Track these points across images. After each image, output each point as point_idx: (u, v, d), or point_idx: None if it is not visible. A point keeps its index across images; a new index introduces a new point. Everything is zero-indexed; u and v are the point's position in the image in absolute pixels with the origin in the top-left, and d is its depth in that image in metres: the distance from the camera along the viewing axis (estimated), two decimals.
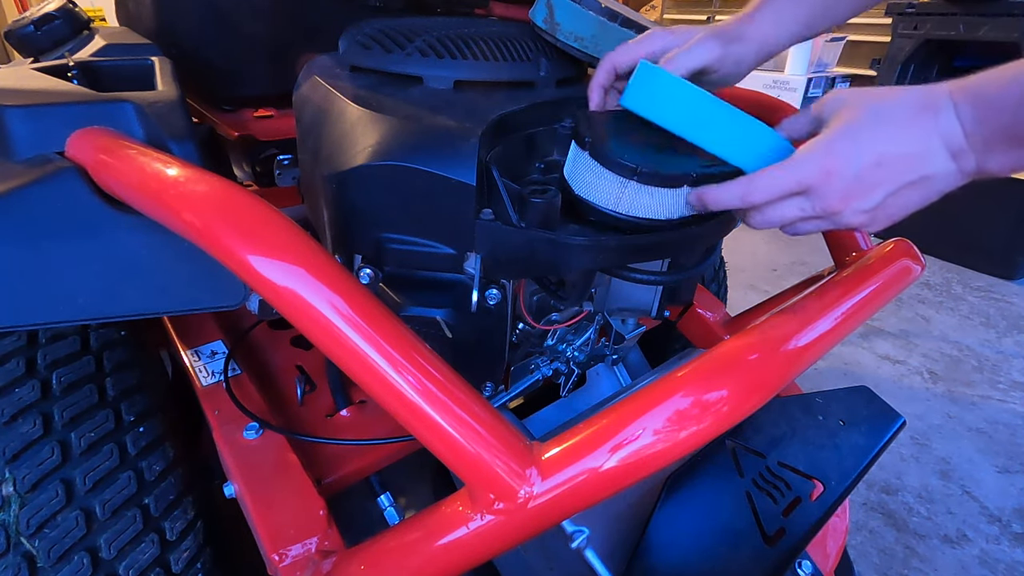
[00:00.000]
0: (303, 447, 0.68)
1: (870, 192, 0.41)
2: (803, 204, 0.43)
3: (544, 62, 0.64)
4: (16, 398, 0.57)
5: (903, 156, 0.40)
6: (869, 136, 0.40)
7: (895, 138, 0.40)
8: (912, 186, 0.41)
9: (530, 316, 0.68)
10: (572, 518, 0.50)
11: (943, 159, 0.40)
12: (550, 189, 0.50)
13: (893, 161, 0.40)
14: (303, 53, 0.88)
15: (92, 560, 0.52)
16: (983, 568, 1.21)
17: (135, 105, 0.53)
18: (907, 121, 0.40)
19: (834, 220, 0.44)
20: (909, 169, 0.40)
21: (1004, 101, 0.37)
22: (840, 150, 0.41)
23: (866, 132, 0.41)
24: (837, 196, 0.42)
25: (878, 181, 0.41)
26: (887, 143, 0.40)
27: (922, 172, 0.40)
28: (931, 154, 0.40)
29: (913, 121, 0.40)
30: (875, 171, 0.40)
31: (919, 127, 0.40)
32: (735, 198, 0.44)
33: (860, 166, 0.40)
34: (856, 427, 0.66)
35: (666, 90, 0.48)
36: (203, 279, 0.51)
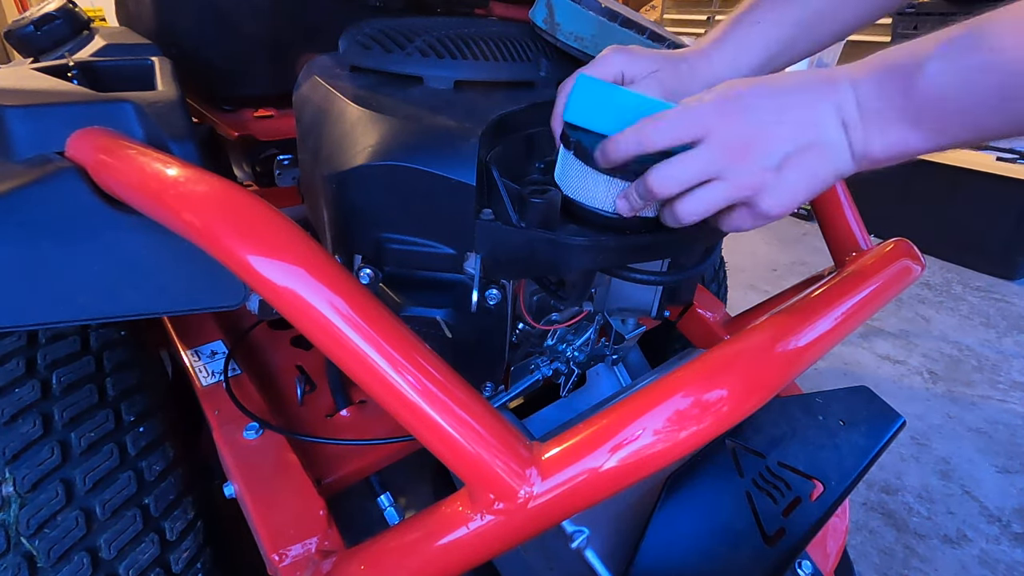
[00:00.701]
0: (303, 447, 0.68)
1: (769, 145, 0.40)
2: (701, 156, 0.41)
3: (544, 62, 0.64)
4: (16, 398, 0.57)
5: (797, 115, 0.40)
6: (764, 93, 0.40)
7: (789, 99, 0.40)
8: (809, 150, 0.40)
9: (530, 316, 0.68)
10: (572, 518, 0.50)
11: (835, 128, 0.40)
12: (550, 189, 0.50)
13: (788, 120, 0.40)
14: (303, 53, 0.89)
15: (92, 560, 0.52)
16: (983, 568, 1.21)
17: (135, 105, 0.53)
18: (801, 88, 0.40)
19: (736, 176, 0.41)
20: (804, 128, 0.40)
21: (898, 73, 0.37)
22: (735, 101, 0.41)
23: (760, 89, 0.41)
24: (736, 145, 0.40)
25: (776, 136, 0.40)
26: (780, 103, 0.40)
27: (817, 135, 0.40)
28: (824, 120, 0.40)
29: (807, 88, 0.40)
30: (772, 127, 0.40)
31: (813, 93, 0.40)
32: (632, 143, 0.42)
33: (756, 114, 0.40)
34: (856, 427, 0.66)
35: (604, 98, 0.47)
36: (203, 279, 0.51)
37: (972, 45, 0.34)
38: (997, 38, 0.34)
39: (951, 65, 0.35)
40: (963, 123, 0.36)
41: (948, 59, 0.35)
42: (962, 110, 0.36)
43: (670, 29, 0.90)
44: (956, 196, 2.50)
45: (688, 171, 0.41)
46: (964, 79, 0.35)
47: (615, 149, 0.43)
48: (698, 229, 0.52)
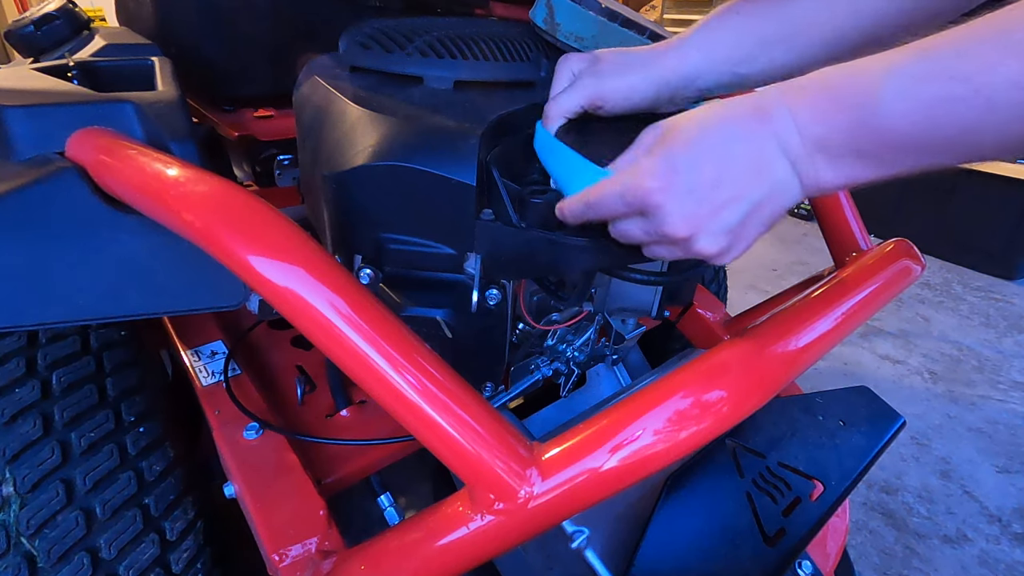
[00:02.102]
0: (303, 447, 0.68)
1: (717, 214, 0.36)
2: (645, 227, 0.39)
3: (544, 62, 0.64)
4: (16, 398, 0.57)
5: (742, 171, 0.36)
6: (698, 150, 0.36)
7: (727, 149, 0.36)
8: (760, 203, 0.37)
9: (530, 316, 0.68)
10: (572, 518, 0.50)
11: (783, 167, 0.36)
12: (550, 189, 0.50)
13: (733, 180, 0.36)
14: (303, 53, 0.88)
15: (92, 560, 0.52)
16: (983, 568, 1.21)
17: (135, 105, 0.53)
18: (736, 127, 0.36)
19: (688, 248, 0.39)
20: (754, 186, 0.36)
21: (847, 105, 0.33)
22: (666, 167, 0.37)
23: (694, 146, 0.36)
24: (679, 221, 0.37)
25: (725, 201, 0.36)
26: (720, 156, 0.36)
27: (766, 186, 0.36)
28: (769, 162, 0.36)
29: (743, 126, 0.36)
30: (716, 191, 0.36)
31: (750, 132, 0.36)
32: (579, 211, 0.43)
33: (693, 183, 0.36)
34: (856, 427, 0.66)
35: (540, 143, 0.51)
36: (203, 279, 0.51)
37: (930, 73, 0.31)
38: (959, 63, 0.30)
39: (908, 97, 0.31)
40: (919, 156, 0.33)
41: (905, 90, 0.31)
42: (920, 145, 0.32)
43: (670, 29, 0.90)
44: (956, 196, 2.50)
45: (632, 232, 0.41)
46: (925, 114, 0.31)
47: (569, 210, 0.44)
48: None
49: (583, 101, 0.50)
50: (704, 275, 1.19)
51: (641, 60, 0.50)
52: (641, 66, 0.49)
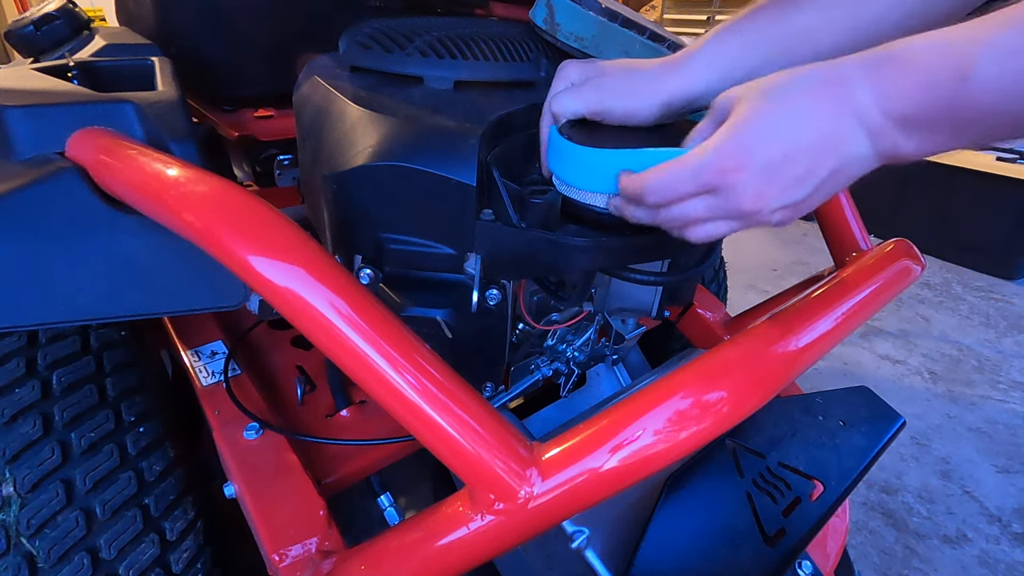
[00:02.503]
0: (303, 447, 0.68)
1: (787, 189, 0.37)
2: (710, 203, 0.39)
3: (544, 62, 0.64)
4: (16, 398, 0.57)
5: (814, 145, 0.36)
6: (770, 126, 0.36)
7: (800, 126, 0.35)
8: (831, 175, 0.37)
9: (530, 316, 0.68)
10: (572, 518, 0.50)
11: (860, 141, 0.35)
12: (550, 190, 0.50)
13: (804, 153, 0.36)
14: (303, 53, 0.88)
15: (92, 560, 0.52)
16: (983, 568, 1.21)
17: (135, 105, 0.53)
18: (810, 103, 0.35)
19: (752, 221, 0.39)
20: (826, 158, 0.36)
21: (925, 70, 0.33)
22: (743, 145, 0.36)
23: (766, 121, 0.36)
24: (750, 196, 0.37)
25: (794, 176, 0.36)
26: (792, 133, 0.35)
27: (839, 159, 0.36)
28: (845, 136, 0.35)
29: (817, 102, 0.35)
30: (786, 165, 0.36)
31: (827, 109, 0.35)
32: (627, 189, 0.42)
33: (766, 160, 0.36)
34: (856, 427, 0.66)
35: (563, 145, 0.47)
36: (203, 279, 0.51)
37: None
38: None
39: (1002, 71, 0.30)
40: (1002, 127, 0.33)
41: (998, 63, 0.31)
42: (1005, 117, 0.32)
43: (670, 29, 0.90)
44: (956, 196, 2.50)
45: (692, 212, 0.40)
46: (1016, 86, 0.30)
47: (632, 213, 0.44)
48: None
49: (585, 111, 0.50)
50: (704, 275, 1.19)
51: (645, 79, 0.49)
52: (645, 87, 0.49)
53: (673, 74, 0.49)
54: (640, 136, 0.49)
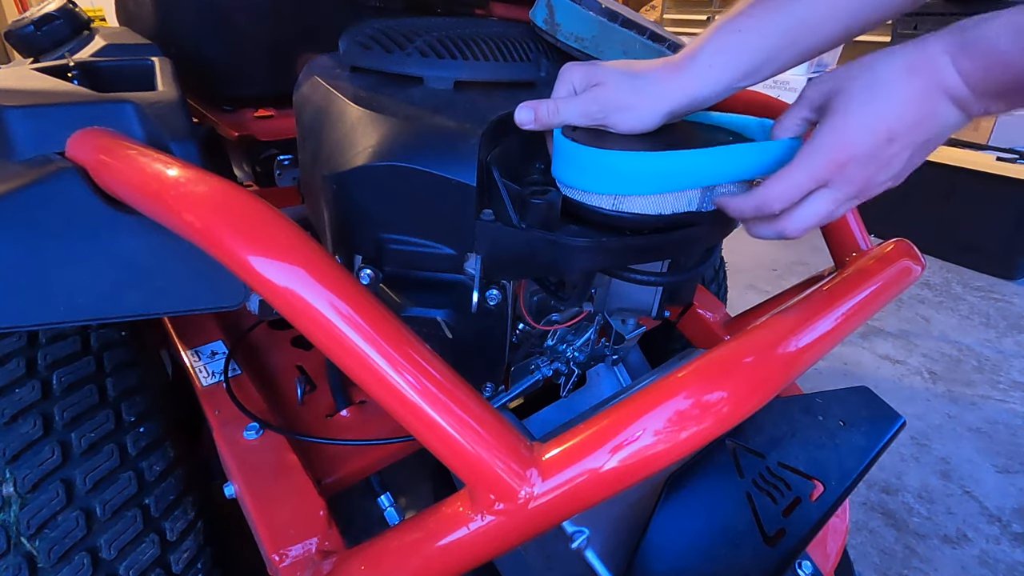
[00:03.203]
0: (303, 447, 0.68)
1: (890, 164, 0.41)
2: (828, 195, 0.43)
3: (544, 62, 0.64)
4: (16, 398, 0.57)
5: (913, 123, 0.39)
6: (872, 113, 0.40)
7: (899, 108, 0.39)
8: (926, 143, 0.41)
9: (530, 316, 0.68)
10: (572, 518, 0.50)
11: (952, 112, 0.39)
12: (550, 190, 0.50)
13: (905, 131, 0.40)
14: (303, 53, 0.89)
15: (92, 560, 0.52)
16: (983, 568, 1.21)
17: (135, 105, 0.53)
18: (905, 87, 0.39)
19: (862, 197, 0.44)
20: (922, 132, 0.40)
21: (1004, 52, 0.36)
22: (847, 138, 0.40)
23: (867, 110, 0.40)
24: (860, 179, 0.41)
25: (895, 152, 0.40)
26: (892, 116, 0.39)
27: (934, 130, 0.40)
28: (939, 112, 0.39)
29: (911, 85, 0.39)
30: (889, 146, 0.40)
31: (920, 89, 0.39)
32: (751, 208, 0.45)
33: (873, 145, 0.40)
34: (856, 427, 0.66)
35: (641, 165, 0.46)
36: (203, 279, 0.51)
37: None
38: None
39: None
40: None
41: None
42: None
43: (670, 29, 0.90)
44: (956, 196, 2.50)
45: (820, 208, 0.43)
46: None
47: (736, 210, 0.46)
48: (701, 228, 0.52)
49: (586, 122, 0.50)
50: (704, 275, 1.19)
51: (650, 83, 0.48)
52: (650, 92, 0.48)
53: (676, 79, 0.48)
54: (644, 136, 0.50)
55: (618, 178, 0.46)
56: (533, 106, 0.51)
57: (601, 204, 0.48)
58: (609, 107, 0.49)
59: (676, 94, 0.48)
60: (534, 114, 0.51)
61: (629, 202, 0.48)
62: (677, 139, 0.51)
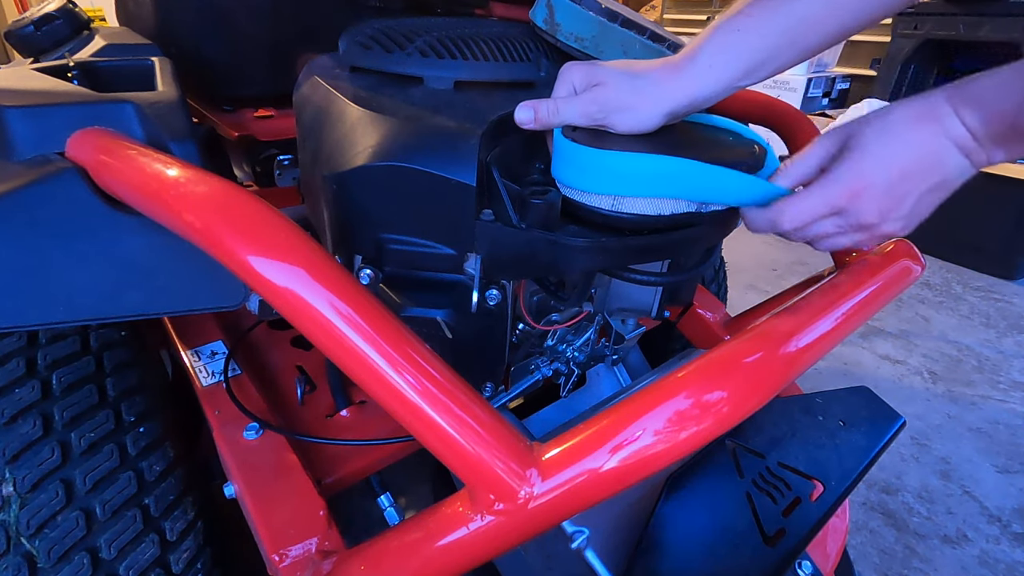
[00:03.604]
0: (303, 447, 0.68)
1: (901, 202, 0.44)
2: (839, 222, 0.46)
3: (544, 62, 0.64)
4: (16, 398, 0.57)
5: (923, 166, 0.43)
6: (886, 153, 0.43)
7: (910, 151, 0.43)
8: (936, 188, 0.44)
9: (530, 316, 0.68)
10: (572, 518, 0.50)
11: (957, 159, 0.43)
12: (550, 190, 0.50)
13: (916, 172, 0.43)
14: (303, 53, 0.89)
15: (92, 560, 0.52)
16: (983, 568, 1.21)
17: (135, 105, 0.53)
18: (915, 133, 0.43)
19: (871, 232, 0.46)
20: (931, 176, 0.43)
21: (1004, 104, 0.40)
22: (864, 170, 0.44)
23: (882, 151, 0.43)
24: (873, 212, 0.44)
25: (907, 191, 0.44)
26: (904, 157, 0.43)
27: (942, 175, 0.43)
28: (946, 158, 0.43)
29: (920, 131, 0.43)
30: (902, 183, 0.43)
31: (928, 135, 0.42)
32: (765, 223, 0.48)
33: (887, 181, 0.43)
34: (856, 427, 0.66)
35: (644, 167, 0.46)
36: (203, 279, 0.51)
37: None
38: None
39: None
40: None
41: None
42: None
43: (670, 29, 0.90)
44: (956, 196, 2.48)
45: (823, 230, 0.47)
46: None
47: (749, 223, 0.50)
48: (701, 229, 0.52)
49: (586, 123, 0.50)
50: (704, 275, 1.19)
51: (649, 83, 0.48)
52: (649, 93, 0.48)
53: (675, 79, 0.48)
54: (644, 136, 0.50)
55: (617, 178, 0.46)
56: (533, 106, 0.51)
57: (600, 204, 0.48)
58: (609, 107, 0.48)
59: (676, 94, 0.48)
60: (534, 114, 0.51)
61: (629, 203, 0.48)
62: (678, 140, 0.51)
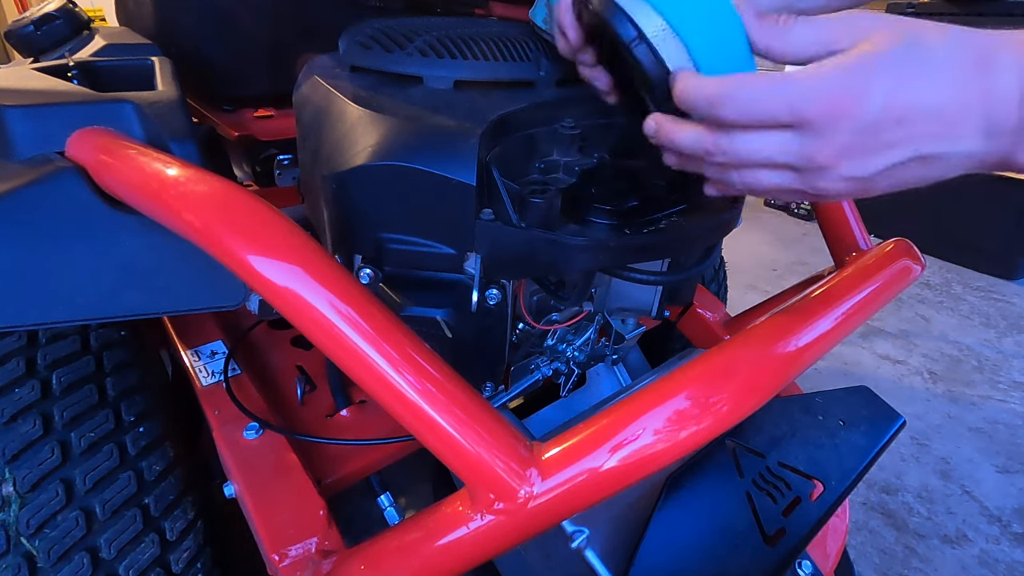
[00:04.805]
0: (303, 447, 0.68)
1: (876, 154, 0.32)
2: (786, 143, 0.34)
3: (544, 62, 0.64)
4: (16, 398, 0.57)
5: (933, 116, 0.31)
6: (900, 76, 0.31)
7: (931, 88, 0.31)
8: (924, 161, 0.32)
9: (530, 316, 0.68)
10: (572, 518, 0.50)
11: (976, 136, 0.31)
12: (550, 189, 0.50)
13: (919, 119, 0.31)
14: (303, 53, 0.89)
15: (92, 560, 0.52)
16: (983, 568, 1.21)
17: (135, 105, 0.53)
18: (951, 72, 0.31)
19: (813, 180, 0.35)
20: (933, 136, 0.31)
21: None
22: (859, 85, 0.31)
23: (897, 69, 0.31)
24: (835, 146, 0.32)
25: (891, 142, 0.32)
26: (920, 91, 0.31)
27: (946, 146, 0.32)
28: (965, 124, 0.31)
29: (959, 74, 0.31)
30: (893, 128, 0.31)
31: (964, 84, 0.31)
32: (703, 99, 0.35)
33: (880, 115, 0.31)
34: (856, 427, 0.66)
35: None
36: (203, 279, 0.51)
37: None
38: None
39: None
40: None
41: None
42: None
43: None
44: (956, 196, 2.50)
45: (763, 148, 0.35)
46: None
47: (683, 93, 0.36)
48: (701, 228, 0.52)
49: None
50: (704, 275, 1.19)
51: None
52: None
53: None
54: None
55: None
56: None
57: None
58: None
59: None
60: None
61: None
62: None
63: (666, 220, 0.52)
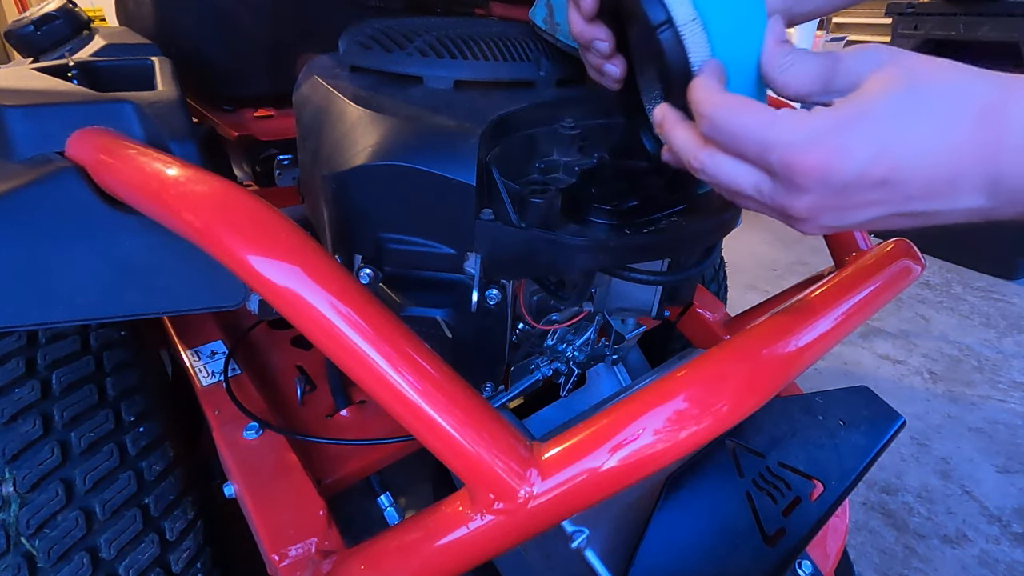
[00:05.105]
0: (303, 447, 0.68)
1: (853, 212, 0.30)
2: (759, 182, 0.32)
3: (544, 62, 0.64)
4: (16, 398, 0.57)
5: (920, 177, 0.28)
6: (888, 132, 0.28)
7: (922, 146, 0.27)
8: (913, 216, 0.30)
9: (530, 316, 0.68)
10: (572, 518, 0.50)
11: (976, 194, 0.27)
12: (550, 189, 0.50)
13: (904, 181, 0.28)
14: (303, 53, 0.89)
15: (92, 560, 0.52)
16: (983, 568, 1.21)
17: (135, 105, 0.53)
18: (949, 125, 0.27)
19: (787, 220, 0.34)
20: (920, 197, 0.28)
21: None
22: (841, 145, 0.28)
23: (887, 124, 0.28)
24: (806, 202, 0.30)
25: (871, 201, 0.29)
26: (908, 150, 0.27)
27: (937, 204, 0.28)
28: (962, 184, 0.27)
29: (958, 128, 0.27)
30: (873, 190, 0.29)
31: (962, 140, 0.27)
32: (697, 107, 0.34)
33: (856, 176, 0.28)
34: (856, 427, 0.66)
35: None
36: (203, 279, 0.51)
37: None
38: None
39: None
40: None
41: None
42: None
43: None
44: None
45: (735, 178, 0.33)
46: None
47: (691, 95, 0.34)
48: (702, 227, 0.52)
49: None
50: (704, 275, 1.19)
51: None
52: None
53: None
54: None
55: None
56: None
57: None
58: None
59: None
60: None
61: None
62: None
63: (666, 220, 0.52)
